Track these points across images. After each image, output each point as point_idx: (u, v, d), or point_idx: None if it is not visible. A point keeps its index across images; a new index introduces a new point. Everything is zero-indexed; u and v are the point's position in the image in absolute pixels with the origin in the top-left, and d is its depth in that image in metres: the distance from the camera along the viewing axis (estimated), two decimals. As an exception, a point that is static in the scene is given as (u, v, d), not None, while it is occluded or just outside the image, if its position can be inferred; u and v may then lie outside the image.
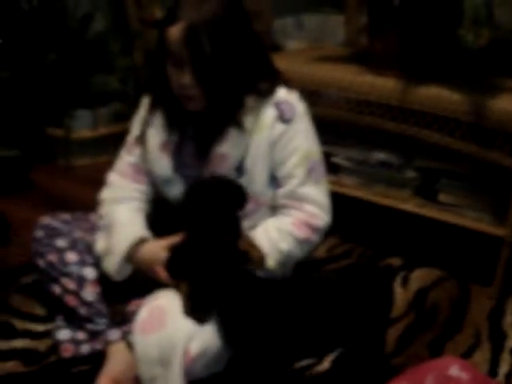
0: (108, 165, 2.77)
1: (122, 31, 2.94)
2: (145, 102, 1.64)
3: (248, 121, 1.48)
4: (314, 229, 1.51)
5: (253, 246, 1.43)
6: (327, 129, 2.18)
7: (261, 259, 1.43)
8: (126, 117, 2.96)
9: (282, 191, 1.53)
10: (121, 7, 2.96)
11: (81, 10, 2.96)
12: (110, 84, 2.79)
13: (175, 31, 1.38)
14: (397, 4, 1.88)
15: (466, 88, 1.84)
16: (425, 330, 1.75)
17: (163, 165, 1.57)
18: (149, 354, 1.34)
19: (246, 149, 1.50)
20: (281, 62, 2.14)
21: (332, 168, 2.13)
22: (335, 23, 3.29)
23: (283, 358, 1.41)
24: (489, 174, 1.91)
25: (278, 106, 1.50)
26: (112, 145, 2.84)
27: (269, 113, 1.50)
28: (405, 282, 1.96)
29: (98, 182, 2.55)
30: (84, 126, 2.80)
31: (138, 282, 1.60)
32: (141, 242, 1.53)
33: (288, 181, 1.52)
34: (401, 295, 1.89)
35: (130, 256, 1.53)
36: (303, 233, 1.50)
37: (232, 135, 1.49)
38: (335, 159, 2.11)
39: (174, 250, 1.45)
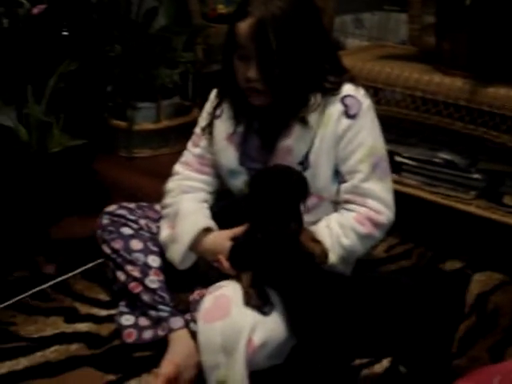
0: (168, 157, 2.85)
1: (184, 26, 2.97)
2: (212, 95, 1.66)
3: (313, 117, 1.49)
4: (377, 224, 1.51)
5: (315, 240, 1.44)
6: (391, 127, 2.17)
7: (323, 254, 1.43)
8: (186, 111, 3.01)
9: (345, 186, 1.53)
10: (184, 2, 3.00)
11: (145, 5, 3.02)
12: (172, 78, 2.83)
13: (244, 26, 1.41)
14: (468, 4, 1.85)
15: (538, 89, 1.81)
16: (486, 334, 1.72)
17: (229, 156, 1.59)
18: (212, 341, 1.36)
19: (310, 143, 1.51)
20: (344, 60, 2.14)
21: (395, 167, 2.11)
22: (395, 21, 3.27)
23: (344, 353, 1.41)
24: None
25: (343, 101, 1.51)
26: (172, 138, 2.90)
27: (335, 108, 1.50)
28: (466, 285, 1.93)
29: (158, 174, 2.60)
30: (146, 119, 2.85)
31: (200, 272, 1.62)
32: (206, 231, 1.55)
33: (352, 176, 1.52)
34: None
35: (195, 245, 1.55)
36: (366, 228, 1.50)
37: (297, 129, 1.50)
38: (398, 158, 2.09)
39: (236, 241, 1.47)
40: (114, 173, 2.71)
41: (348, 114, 1.50)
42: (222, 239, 1.51)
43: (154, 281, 1.63)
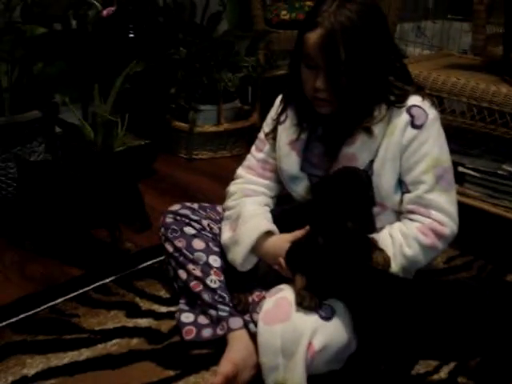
0: (226, 160, 2.89)
1: (247, 31, 3.01)
2: (277, 101, 1.68)
3: (378, 126, 1.50)
4: (440, 236, 1.50)
5: (377, 248, 1.44)
6: (455, 137, 2.15)
7: (386, 262, 1.43)
8: (245, 115, 3.05)
9: (408, 197, 1.53)
10: (247, 7, 3.03)
11: (210, 9, 3.07)
12: (234, 82, 2.86)
13: (313, 37, 1.42)
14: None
15: None
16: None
17: (291, 162, 1.61)
18: (272, 344, 1.37)
19: (375, 152, 1.51)
20: (412, 68, 2.14)
21: (458, 177, 2.08)
22: (456, 30, 3.24)
23: (407, 356, 1.40)
24: None
25: (410, 111, 1.51)
26: (231, 141, 2.94)
27: (401, 118, 1.50)
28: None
29: (216, 176, 2.66)
30: (207, 121, 2.89)
31: (260, 275, 1.64)
32: (267, 235, 1.57)
33: (416, 186, 1.51)
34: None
35: (256, 248, 1.58)
36: (429, 239, 1.49)
37: (361, 138, 1.51)
38: (462, 169, 2.06)
39: (294, 243, 1.48)
40: (173, 173, 2.76)
41: (414, 125, 1.50)
42: (282, 242, 1.53)
43: (214, 280, 1.65)
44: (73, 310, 1.80)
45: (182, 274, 1.70)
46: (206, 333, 1.64)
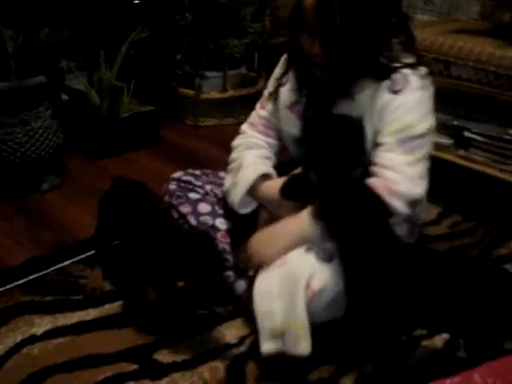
0: (232, 127, 2.87)
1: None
2: (282, 60, 1.68)
3: (366, 91, 1.49)
4: (391, 192, 1.42)
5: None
6: (461, 102, 2.15)
7: None
8: (252, 82, 3.04)
9: (373, 155, 1.49)
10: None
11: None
12: (240, 48, 2.85)
13: (309, 1, 1.40)
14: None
15: None
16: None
17: (291, 124, 1.63)
18: (269, 288, 1.39)
19: (361, 114, 1.50)
20: (415, 32, 2.12)
21: (463, 142, 2.09)
22: (465, -2, 3.20)
23: (398, 321, 1.39)
24: None
25: (392, 77, 1.47)
26: (237, 108, 2.93)
27: (385, 82, 1.47)
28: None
29: (222, 143, 2.65)
30: (213, 88, 2.88)
31: (261, 226, 1.63)
32: (265, 178, 1.60)
33: (378, 147, 1.48)
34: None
35: (254, 190, 1.60)
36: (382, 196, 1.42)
37: (348, 102, 1.51)
38: (467, 133, 2.06)
39: (290, 177, 1.52)
40: (180, 140, 2.76)
41: (391, 90, 1.46)
42: (279, 185, 1.53)
43: (220, 244, 1.66)
44: (80, 271, 1.82)
45: None
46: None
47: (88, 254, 1.89)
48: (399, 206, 1.43)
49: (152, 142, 2.68)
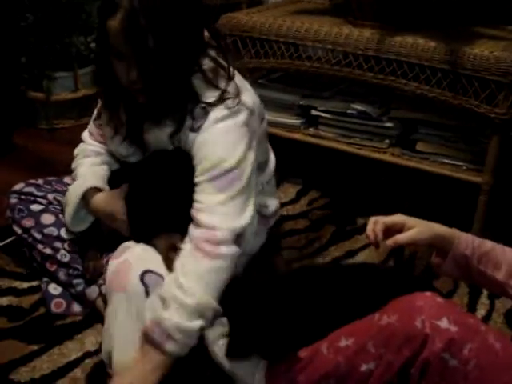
0: (89, 127, 2.78)
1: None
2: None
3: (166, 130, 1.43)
4: (216, 243, 1.32)
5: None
6: (306, 82, 2.20)
7: None
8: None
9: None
10: (98, -33, 2.91)
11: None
12: (88, 45, 2.76)
13: (115, 23, 1.27)
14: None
15: (441, 36, 1.85)
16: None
17: (119, 149, 1.56)
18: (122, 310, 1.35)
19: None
20: (256, 16, 2.15)
21: (312, 121, 2.15)
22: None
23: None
24: (465, 123, 1.92)
25: (192, 113, 1.38)
26: (93, 106, 2.83)
27: (188, 121, 1.39)
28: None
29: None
30: (64, 89, 2.78)
31: (105, 237, 1.60)
32: (94, 191, 1.53)
33: (195, 187, 1.38)
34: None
35: (85, 205, 1.54)
36: (207, 255, 1.32)
37: (155, 130, 1.45)
38: (314, 112, 2.11)
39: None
40: (35, 146, 2.65)
41: (192, 128, 1.38)
42: (113, 198, 1.50)
43: (65, 254, 1.63)
44: None
45: (36, 256, 1.67)
46: (77, 308, 1.63)
47: None
48: (226, 251, 1.32)
49: (4, 150, 2.55)
